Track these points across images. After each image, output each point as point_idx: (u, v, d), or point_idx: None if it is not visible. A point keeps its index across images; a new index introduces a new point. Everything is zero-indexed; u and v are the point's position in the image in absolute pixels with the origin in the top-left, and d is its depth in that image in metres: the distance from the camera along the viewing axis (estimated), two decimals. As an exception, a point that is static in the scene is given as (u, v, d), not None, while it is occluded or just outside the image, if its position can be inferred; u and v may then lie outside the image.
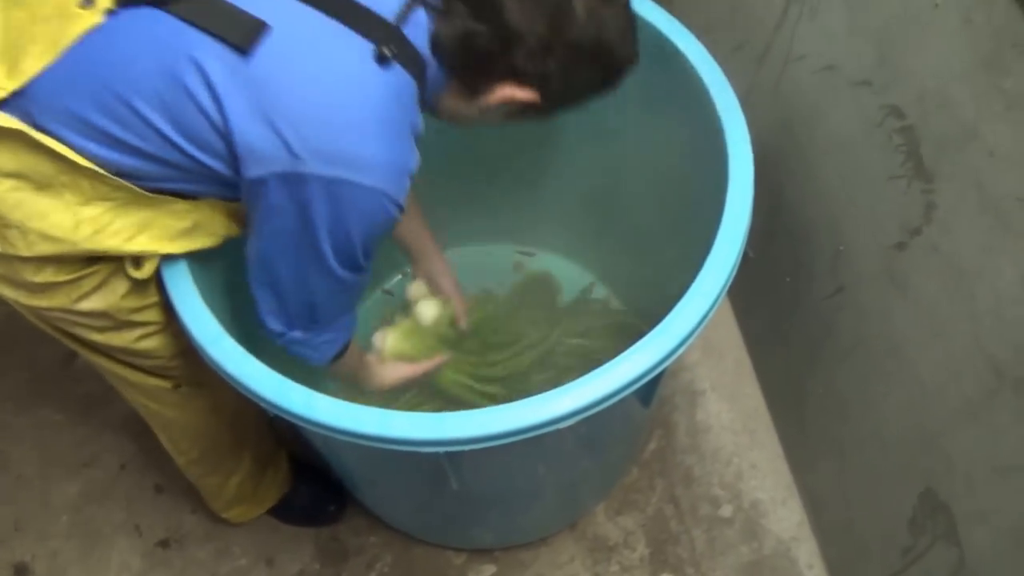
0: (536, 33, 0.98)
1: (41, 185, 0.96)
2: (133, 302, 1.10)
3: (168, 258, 1.09)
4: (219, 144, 0.94)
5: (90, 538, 1.70)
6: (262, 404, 1.04)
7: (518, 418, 0.98)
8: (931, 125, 1.04)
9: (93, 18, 0.92)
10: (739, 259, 1.09)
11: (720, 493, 1.70)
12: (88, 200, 0.98)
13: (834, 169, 1.28)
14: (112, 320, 1.11)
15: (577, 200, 1.75)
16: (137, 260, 1.06)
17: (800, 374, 1.57)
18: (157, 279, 1.10)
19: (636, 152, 1.53)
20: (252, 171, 0.94)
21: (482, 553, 1.67)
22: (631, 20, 1.06)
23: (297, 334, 1.10)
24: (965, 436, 1.12)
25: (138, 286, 1.09)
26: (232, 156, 0.94)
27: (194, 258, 1.12)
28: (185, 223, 1.05)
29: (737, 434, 1.75)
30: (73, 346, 1.17)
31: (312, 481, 1.69)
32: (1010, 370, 1.00)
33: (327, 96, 0.92)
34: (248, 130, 0.92)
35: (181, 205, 1.03)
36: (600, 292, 1.85)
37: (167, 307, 1.10)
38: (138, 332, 1.15)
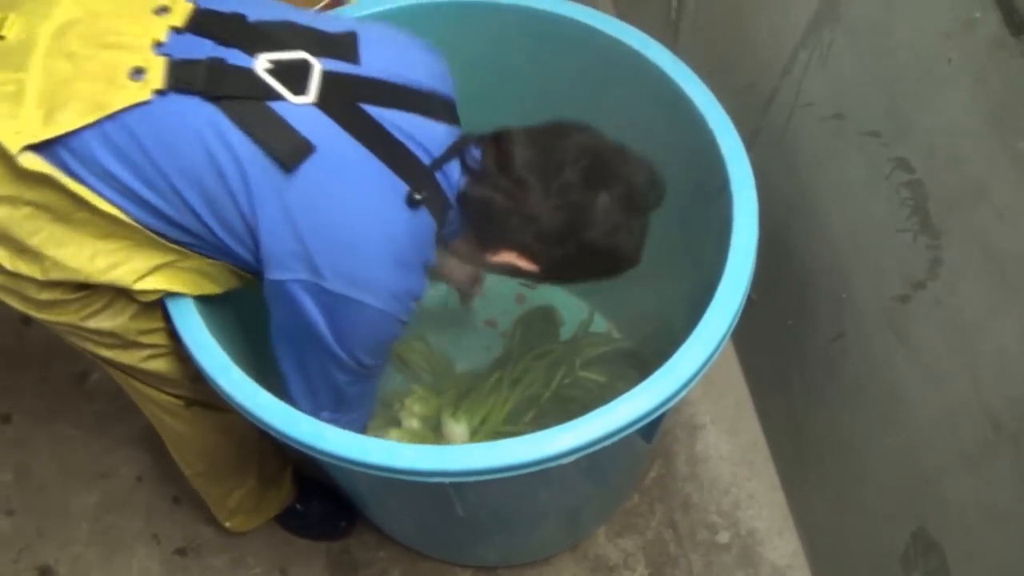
0: (553, 223, 1.01)
1: (59, 216, 0.93)
2: (141, 324, 1.08)
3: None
4: (249, 240, 0.97)
5: (110, 545, 1.66)
6: (272, 433, 1.01)
7: (521, 453, 0.95)
8: (939, 181, 0.98)
9: (142, 93, 0.91)
10: (743, 305, 1.05)
11: (718, 520, 1.65)
12: (106, 235, 0.96)
13: (839, 218, 1.23)
14: (120, 339, 1.09)
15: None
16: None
17: (801, 413, 1.52)
18: (163, 309, 1.08)
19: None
20: (275, 274, 0.96)
21: (487, 570, 1.63)
22: (645, 230, 1.09)
23: (326, 415, 1.09)
24: (961, 482, 1.07)
25: (145, 309, 1.07)
26: (257, 254, 0.97)
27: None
28: (197, 273, 1.04)
29: (736, 465, 1.70)
30: (88, 355, 1.15)
31: (324, 498, 1.65)
32: (1008, 424, 0.95)
33: (356, 228, 0.95)
34: (277, 240, 0.94)
35: (195, 261, 1.02)
36: (600, 325, 1.79)
37: (174, 335, 1.07)
38: (147, 352, 1.13)
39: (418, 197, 0.96)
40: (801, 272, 1.37)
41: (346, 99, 0.96)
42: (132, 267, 0.98)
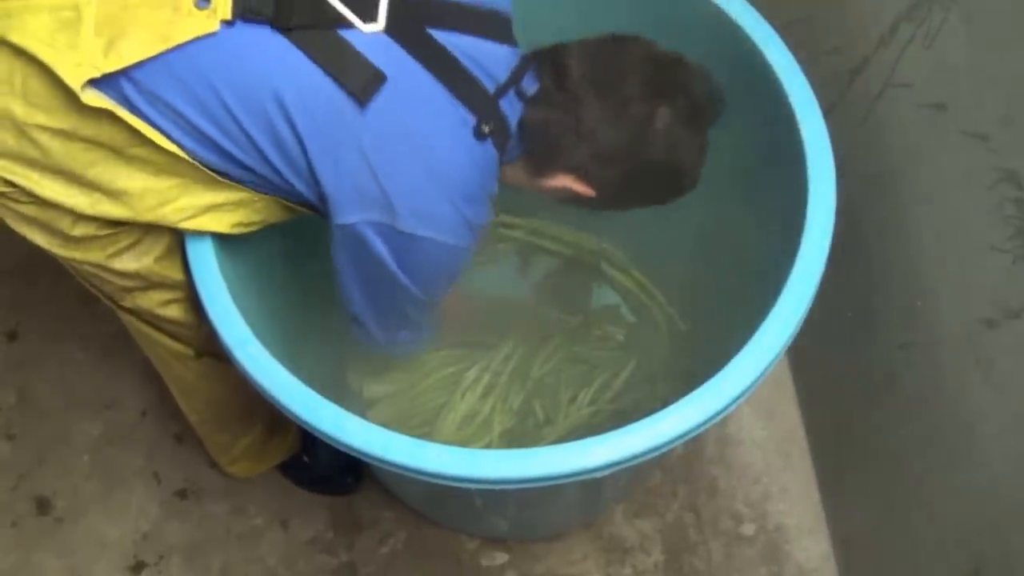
0: (611, 140, 1.00)
1: (115, 150, 0.94)
2: (165, 267, 1.09)
3: (196, 248, 1.06)
4: (313, 180, 0.97)
5: (111, 480, 1.67)
6: (289, 417, 1.01)
7: (553, 464, 0.95)
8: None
9: (208, 24, 0.89)
10: (803, 319, 1.03)
11: (744, 510, 1.64)
12: (159, 172, 0.96)
13: (925, 217, 1.17)
14: (144, 281, 1.09)
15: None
16: None
17: (849, 412, 1.48)
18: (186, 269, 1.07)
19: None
20: (345, 216, 0.97)
21: (496, 541, 1.63)
22: (704, 148, 1.06)
23: (404, 335, 1.16)
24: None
25: (171, 252, 1.07)
26: (321, 194, 0.97)
27: (225, 245, 1.08)
28: (245, 210, 1.03)
29: (769, 453, 1.68)
30: (103, 299, 1.15)
31: (332, 451, 1.64)
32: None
33: (428, 164, 0.96)
34: (348, 180, 0.95)
35: (249, 196, 1.01)
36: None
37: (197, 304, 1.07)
38: (167, 296, 1.13)
39: (486, 129, 0.98)
40: (871, 264, 1.32)
41: (414, 23, 0.96)
42: (181, 206, 1.00)
